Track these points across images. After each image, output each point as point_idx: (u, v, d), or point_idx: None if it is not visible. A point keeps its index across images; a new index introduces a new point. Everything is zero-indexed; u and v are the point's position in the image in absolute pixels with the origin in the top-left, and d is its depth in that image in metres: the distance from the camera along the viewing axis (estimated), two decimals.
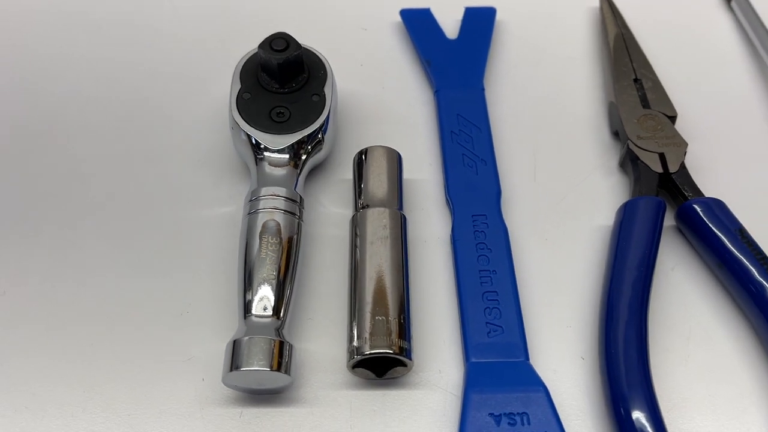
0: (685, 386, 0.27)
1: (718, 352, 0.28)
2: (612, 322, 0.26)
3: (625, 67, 0.34)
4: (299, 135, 0.30)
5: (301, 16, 0.39)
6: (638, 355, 0.25)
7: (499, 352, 0.26)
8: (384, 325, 0.26)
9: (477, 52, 0.36)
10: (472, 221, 0.30)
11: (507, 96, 0.36)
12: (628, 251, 0.28)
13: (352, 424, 0.26)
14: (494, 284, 0.28)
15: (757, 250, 0.28)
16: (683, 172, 0.31)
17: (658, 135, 0.32)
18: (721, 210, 0.29)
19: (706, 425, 0.26)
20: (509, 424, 0.24)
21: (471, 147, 0.32)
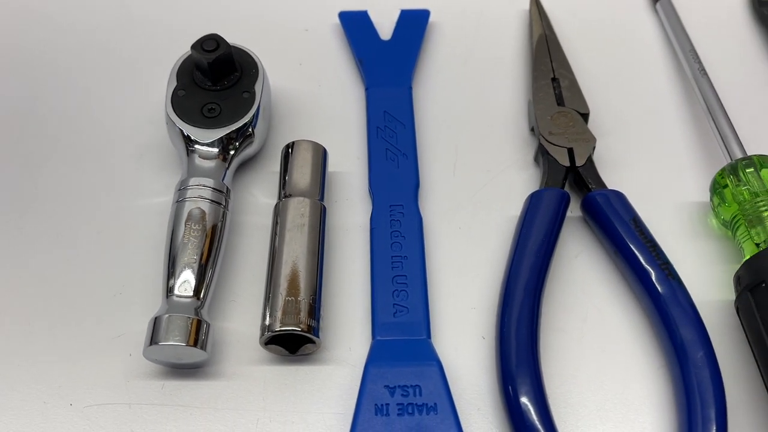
0: (577, 363, 0.29)
1: (610, 332, 0.30)
2: (508, 303, 0.28)
3: (545, 66, 0.37)
4: (227, 130, 0.32)
5: (247, 17, 0.41)
6: (529, 335, 0.27)
7: (403, 331, 0.28)
8: (294, 305, 0.28)
9: (407, 52, 0.38)
10: (390, 211, 0.32)
11: (435, 94, 0.38)
12: (529, 239, 0.30)
13: (264, 397, 0.28)
14: (404, 269, 0.30)
15: (647, 239, 0.30)
16: (590, 165, 0.33)
17: (569, 131, 0.34)
18: (618, 201, 0.31)
19: (594, 398, 0.28)
20: (402, 395, 0.26)
21: (395, 142, 0.34)
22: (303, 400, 0.28)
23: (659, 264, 0.29)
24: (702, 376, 0.26)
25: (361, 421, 0.26)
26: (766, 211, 0.29)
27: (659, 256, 0.29)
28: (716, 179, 0.32)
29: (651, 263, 0.29)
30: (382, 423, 0.25)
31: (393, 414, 0.26)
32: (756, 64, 0.39)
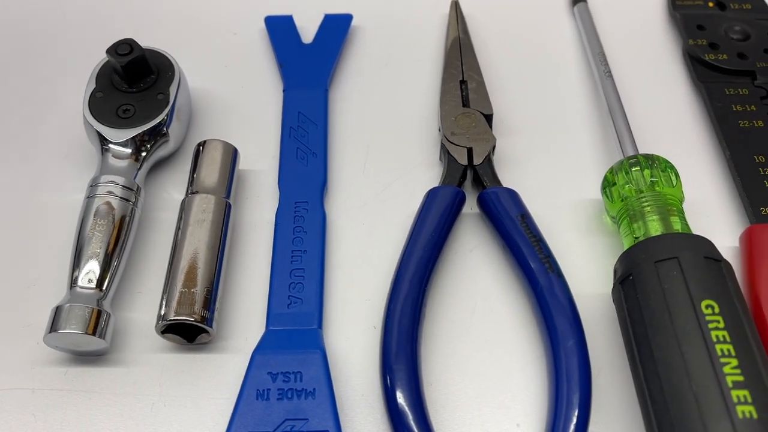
0: (463, 352, 0.30)
1: (496, 323, 0.31)
2: (394, 295, 0.30)
3: (455, 69, 0.38)
4: (139, 130, 0.34)
5: (178, 21, 0.43)
6: (410, 325, 0.29)
7: (295, 321, 0.30)
8: (189, 296, 0.29)
9: (327, 55, 0.39)
10: (294, 207, 0.33)
11: (353, 96, 0.39)
12: (420, 233, 0.31)
13: (161, 383, 0.29)
14: (303, 263, 0.32)
15: (532, 234, 0.31)
16: (487, 164, 0.34)
17: (470, 131, 0.35)
18: (509, 198, 0.33)
19: (474, 385, 0.29)
20: (284, 381, 0.28)
21: (306, 141, 0.36)
22: (197, 386, 0.29)
23: (540, 258, 0.30)
24: (570, 363, 0.28)
25: (242, 404, 0.27)
26: (647, 206, 0.31)
27: (541, 251, 0.31)
28: (606, 177, 0.33)
29: (533, 257, 0.30)
30: (261, 407, 0.27)
31: (273, 398, 0.27)
32: (668, 66, 0.41)
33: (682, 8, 0.42)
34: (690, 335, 0.25)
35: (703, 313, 0.26)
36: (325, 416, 0.27)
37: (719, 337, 0.25)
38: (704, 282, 0.26)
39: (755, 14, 0.41)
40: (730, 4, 0.42)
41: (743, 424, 0.23)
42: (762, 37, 0.40)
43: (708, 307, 0.26)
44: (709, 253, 0.27)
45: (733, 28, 0.40)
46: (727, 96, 0.37)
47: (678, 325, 0.26)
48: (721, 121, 0.36)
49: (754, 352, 0.25)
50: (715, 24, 0.40)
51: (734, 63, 0.38)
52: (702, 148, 0.37)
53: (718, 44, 0.39)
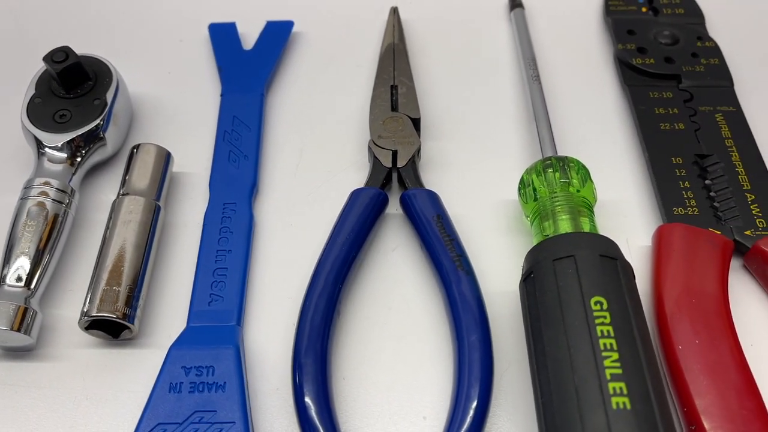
0: (377, 348, 0.31)
1: (411, 319, 0.32)
2: (309, 293, 0.31)
3: (387, 74, 0.39)
4: (73, 134, 0.35)
5: (126, 28, 0.44)
6: (322, 321, 0.30)
7: (215, 318, 0.31)
8: (112, 293, 0.30)
9: (265, 61, 0.41)
10: (223, 208, 0.35)
11: (291, 100, 0.41)
12: (340, 233, 0.33)
13: (84, 377, 0.31)
14: (227, 262, 0.33)
15: (446, 234, 0.32)
16: (411, 166, 0.35)
17: (397, 135, 0.36)
18: (428, 199, 0.34)
19: (385, 380, 0.30)
20: (196, 374, 0.29)
21: (239, 144, 0.37)
22: (119, 380, 0.30)
23: (452, 257, 0.31)
24: (473, 358, 0.29)
25: (155, 397, 0.28)
26: (558, 206, 0.32)
27: (453, 250, 0.32)
28: (522, 178, 0.34)
29: (445, 256, 0.31)
30: (173, 399, 0.28)
31: (185, 392, 0.28)
32: (600, 70, 0.42)
33: (615, 13, 0.43)
34: (577, 330, 0.26)
35: (592, 309, 0.27)
36: (233, 408, 0.28)
37: (604, 332, 0.26)
38: (596, 279, 0.27)
39: (687, 19, 0.42)
40: (663, 9, 0.43)
41: (616, 415, 0.24)
42: (691, 41, 0.41)
43: (597, 303, 0.27)
44: (605, 252, 0.28)
45: (663, 33, 0.41)
46: (651, 99, 0.38)
47: (568, 321, 0.27)
48: (643, 123, 0.37)
49: (637, 347, 0.26)
50: (645, 29, 0.41)
51: (661, 67, 0.39)
52: (625, 150, 0.38)
53: (646, 48, 0.40)
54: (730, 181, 0.35)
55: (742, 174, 0.35)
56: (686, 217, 0.33)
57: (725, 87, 0.39)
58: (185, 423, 0.28)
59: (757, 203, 0.34)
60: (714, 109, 0.38)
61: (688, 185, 0.35)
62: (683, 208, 0.34)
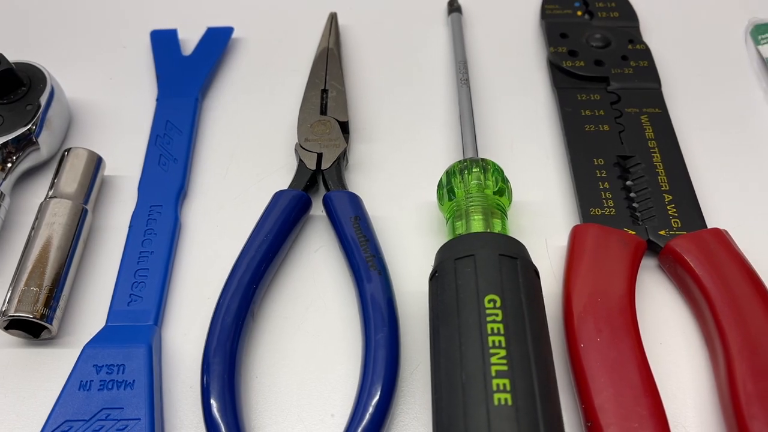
0: (292, 347, 0.32)
1: (327, 319, 0.33)
2: (223, 293, 0.31)
3: (319, 79, 0.40)
4: (3, 139, 0.36)
5: (69, 34, 0.45)
6: (234, 322, 0.30)
7: (133, 318, 0.32)
8: (31, 294, 0.31)
9: (201, 66, 0.41)
10: (149, 211, 0.35)
11: (227, 104, 0.41)
12: (258, 235, 0.33)
13: (4, 375, 0.31)
14: (149, 263, 0.33)
15: (362, 235, 0.33)
16: (335, 169, 0.36)
17: (323, 138, 0.37)
18: (348, 201, 0.34)
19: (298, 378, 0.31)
20: (107, 372, 0.29)
21: (169, 148, 0.38)
22: (37, 378, 0.31)
23: (366, 257, 0.32)
24: (378, 355, 0.29)
25: (65, 395, 0.29)
26: (471, 207, 0.32)
27: (368, 250, 0.32)
28: (441, 179, 0.34)
29: (359, 256, 0.32)
30: (82, 397, 0.29)
31: (94, 389, 0.29)
32: (535, 73, 0.42)
33: (550, 17, 0.43)
34: (470, 328, 0.27)
35: (485, 307, 0.27)
36: (140, 405, 0.28)
37: (494, 330, 0.26)
38: (492, 277, 0.28)
39: (622, 22, 0.43)
40: (598, 12, 0.43)
41: (497, 411, 0.24)
42: (622, 44, 0.41)
43: (491, 301, 0.27)
44: (505, 251, 0.29)
45: (594, 36, 0.41)
46: (579, 101, 0.39)
47: (462, 319, 0.27)
48: (568, 125, 0.38)
49: (527, 344, 0.26)
50: (578, 32, 0.42)
51: (590, 69, 0.40)
52: (551, 152, 0.38)
53: (577, 52, 0.41)
54: (650, 182, 0.35)
55: (661, 175, 0.35)
56: (602, 218, 0.34)
57: (653, 89, 0.39)
58: (92, 420, 0.28)
59: (674, 204, 0.34)
60: (640, 111, 0.38)
61: (608, 186, 0.35)
62: (600, 209, 0.34)
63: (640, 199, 0.35)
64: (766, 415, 0.27)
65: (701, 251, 0.32)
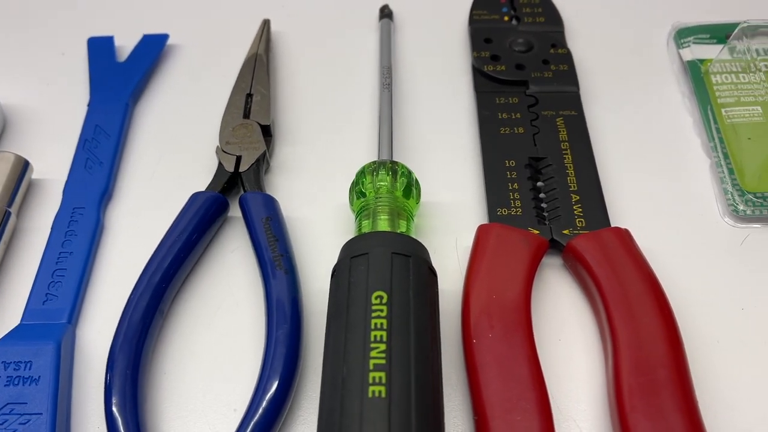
0: (201, 346, 0.33)
1: (237, 317, 0.34)
2: (132, 293, 0.32)
3: (245, 83, 0.41)
4: None
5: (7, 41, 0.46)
6: (141, 320, 0.31)
7: (47, 316, 0.33)
8: None
9: (134, 72, 0.42)
10: (72, 213, 0.36)
11: (157, 109, 0.42)
12: (171, 235, 0.34)
13: None
14: (67, 263, 0.34)
15: (272, 235, 0.34)
16: (253, 171, 0.37)
17: (244, 141, 0.38)
18: (262, 202, 0.35)
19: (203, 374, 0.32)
20: (14, 369, 0.30)
21: (96, 152, 0.39)
22: None
23: (273, 256, 0.33)
24: (277, 352, 0.30)
25: None
26: (379, 207, 0.33)
27: (276, 250, 0.33)
28: (354, 179, 0.35)
29: (268, 256, 0.33)
30: None
31: (0, 385, 0.30)
32: (460, 78, 0.43)
33: (477, 23, 0.44)
34: (356, 324, 0.28)
35: (372, 303, 0.28)
36: (43, 400, 0.29)
37: (377, 325, 0.27)
38: (382, 275, 0.29)
39: (547, 27, 0.44)
40: (524, 18, 0.44)
41: (370, 403, 0.25)
42: (544, 48, 0.42)
43: (377, 297, 0.28)
44: (399, 250, 0.30)
45: (517, 41, 0.42)
46: (497, 104, 0.39)
47: (350, 315, 0.28)
48: (484, 127, 0.38)
49: (408, 339, 0.27)
50: (502, 37, 0.43)
51: (510, 74, 0.41)
52: (468, 155, 0.39)
53: (500, 56, 0.42)
54: (559, 183, 0.36)
55: (571, 176, 0.36)
56: (508, 218, 0.35)
57: (571, 92, 0.40)
58: None
59: (581, 203, 0.35)
60: (556, 114, 0.39)
61: (517, 187, 0.36)
62: (507, 209, 0.35)
63: (549, 200, 0.36)
64: (645, 408, 0.28)
65: (599, 249, 0.33)
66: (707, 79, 0.41)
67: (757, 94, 0.39)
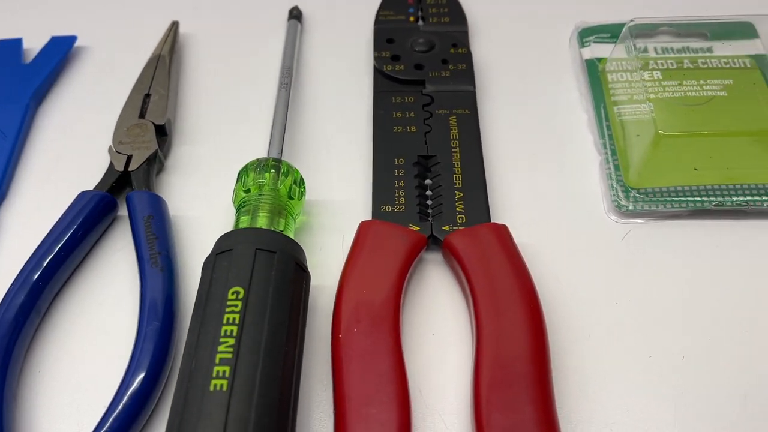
0: (80, 343, 0.33)
1: (117, 314, 0.33)
2: (8, 292, 0.32)
3: (144, 84, 0.41)
4: None
5: None
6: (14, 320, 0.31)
7: None
8: None
9: (38, 73, 0.43)
10: None
11: (60, 111, 0.43)
12: (52, 233, 0.34)
13: None
14: None
15: (152, 233, 0.34)
16: (144, 170, 0.37)
17: (136, 140, 0.38)
18: (147, 201, 0.35)
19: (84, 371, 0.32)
20: None
21: None
22: None
23: (151, 254, 0.33)
24: (145, 348, 0.30)
25: None
26: (260, 204, 0.33)
27: (154, 248, 0.33)
28: (237, 176, 0.35)
29: (145, 253, 0.33)
30: None
31: None
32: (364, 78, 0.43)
33: (382, 23, 0.44)
34: (211, 318, 0.28)
35: (228, 299, 0.28)
36: None
37: (230, 320, 0.27)
38: (242, 271, 0.29)
39: (451, 27, 0.44)
40: (430, 18, 0.45)
41: (210, 396, 0.25)
42: (445, 48, 0.42)
43: (234, 293, 0.28)
44: (264, 246, 0.30)
45: (418, 41, 0.42)
46: (393, 104, 0.40)
47: (207, 310, 0.28)
48: (378, 126, 0.39)
49: (261, 334, 0.27)
50: (404, 37, 0.43)
51: (409, 73, 0.41)
52: (363, 154, 0.39)
53: (400, 56, 0.42)
54: (445, 180, 0.36)
55: (457, 173, 0.36)
56: (391, 214, 0.35)
57: (467, 91, 0.40)
58: None
59: (463, 200, 0.35)
60: (450, 112, 0.39)
61: (403, 184, 0.36)
62: (391, 206, 0.35)
63: (434, 197, 0.36)
64: (498, 401, 0.28)
65: (473, 245, 0.33)
66: (603, 77, 0.41)
67: (650, 92, 0.40)
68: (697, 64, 0.41)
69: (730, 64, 0.41)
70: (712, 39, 0.42)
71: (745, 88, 0.40)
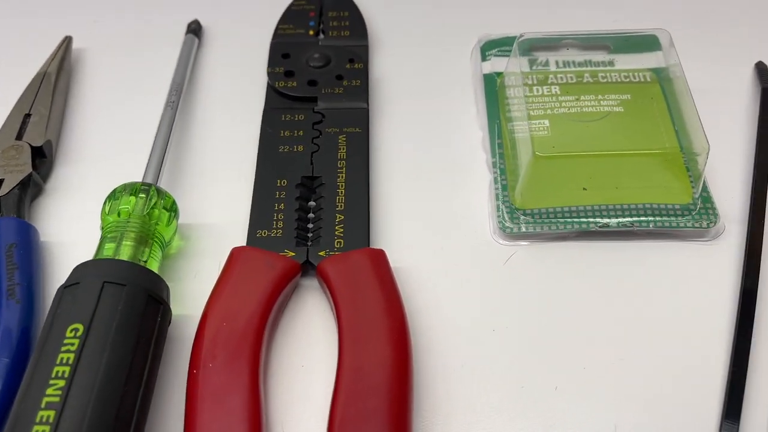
0: None
1: None
2: None
3: (25, 103, 0.39)
4: None
5: None
6: None
7: None
8: None
9: None
10: None
11: None
12: None
13: None
14: None
15: (12, 263, 0.32)
16: (15, 195, 0.35)
17: (10, 163, 0.37)
18: (14, 229, 0.34)
19: None
20: None
21: None
22: None
23: (8, 286, 0.32)
24: None
25: None
26: (125, 231, 0.32)
27: (12, 279, 0.32)
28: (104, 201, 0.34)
29: (3, 285, 0.32)
30: None
31: None
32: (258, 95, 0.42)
33: (280, 37, 0.43)
34: (45, 357, 0.26)
35: (66, 336, 0.27)
36: None
37: (64, 360, 0.26)
38: (85, 306, 0.28)
39: (351, 41, 0.43)
40: (330, 32, 0.43)
41: None
42: (341, 64, 0.41)
43: (73, 330, 0.27)
44: (114, 279, 0.29)
45: (314, 56, 0.41)
46: (282, 122, 0.38)
47: (44, 350, 0.27)
48: (263, 146, 0.37)
49: (97, 375, 0.26)
50: (300, 52, 0.42)
51: (302, 90, 0.40)
52: (247, 175, 0.37)
53: (294, 72, 0.41)
54: (327, 202, 0.35)
55: (341, 195, 0.35)
56: (267, 239, 0.34)
57: (359, 109, 0.39)
58: None
59: (343, 224, 0.34)
60: (340, 131, 0.38)
61: (283, 207, 0.35)
62: (267, 230, 0.34)
63: (315, 220, 0.35)
64: None
65: (344, 272, 0.32)
66: (501, 92, 0.40)
67: (547, 108, 0.39)
68: (597, 79, 0.40)
69: (630, 78, 0.40)
70: (614, 52, 0.41)
71: (642, 103, 0.39)
